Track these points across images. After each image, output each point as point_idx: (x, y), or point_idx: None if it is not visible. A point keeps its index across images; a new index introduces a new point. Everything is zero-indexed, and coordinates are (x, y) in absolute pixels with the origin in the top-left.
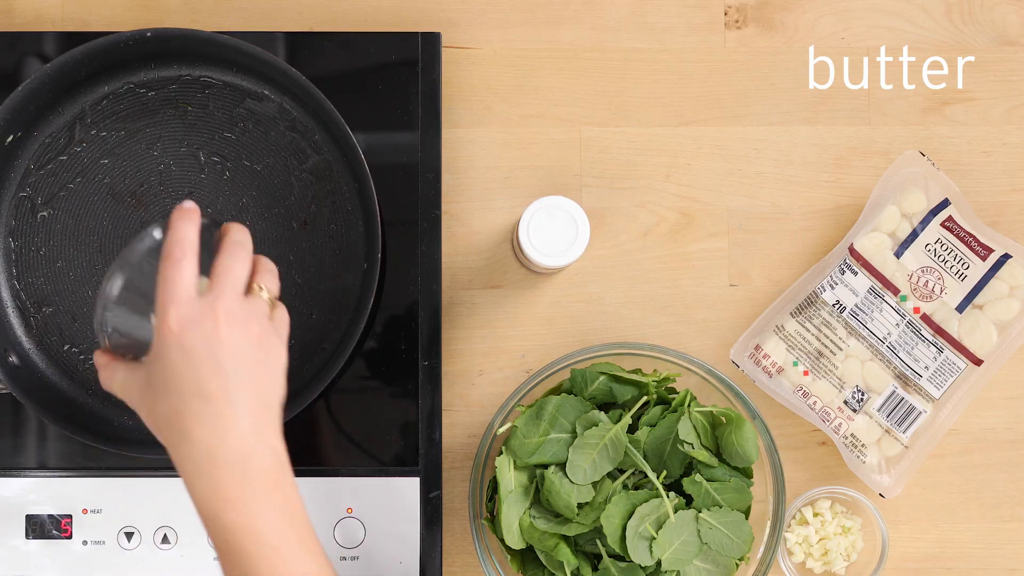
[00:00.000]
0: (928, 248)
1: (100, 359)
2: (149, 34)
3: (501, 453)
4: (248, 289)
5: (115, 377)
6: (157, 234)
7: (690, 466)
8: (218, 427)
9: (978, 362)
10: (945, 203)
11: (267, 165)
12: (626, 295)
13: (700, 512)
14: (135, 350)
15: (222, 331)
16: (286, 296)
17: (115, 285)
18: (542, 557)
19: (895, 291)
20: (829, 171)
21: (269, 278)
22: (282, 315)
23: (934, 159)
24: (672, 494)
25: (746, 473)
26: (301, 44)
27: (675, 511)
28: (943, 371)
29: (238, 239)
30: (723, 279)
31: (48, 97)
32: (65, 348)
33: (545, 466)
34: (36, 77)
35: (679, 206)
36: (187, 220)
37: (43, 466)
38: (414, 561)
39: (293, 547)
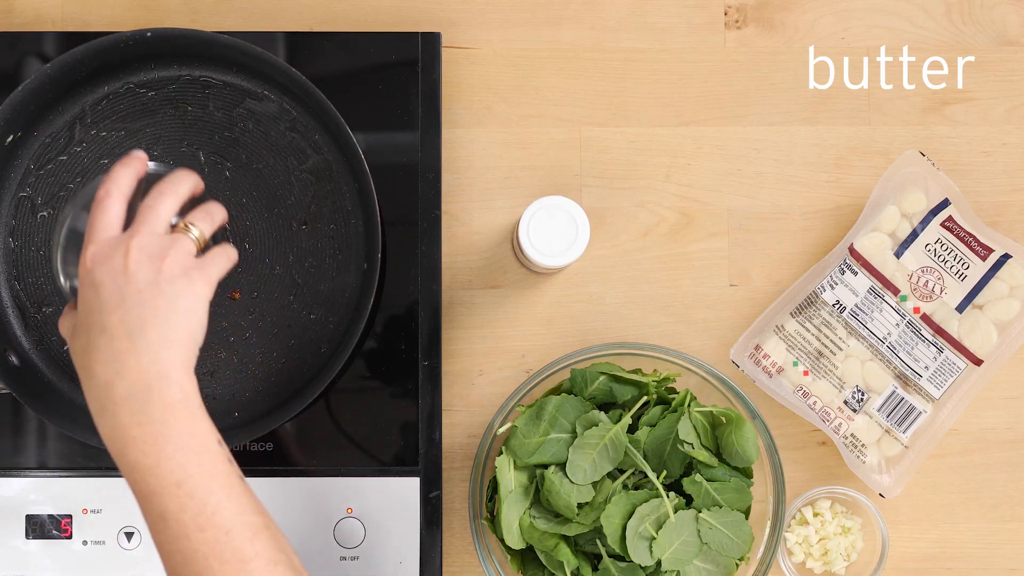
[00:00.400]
0: (928, 248)
1: (66, 305)
2: (149, 34)
3: (501, 453)
4: (176, 229)
5: (64, 322)
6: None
7: (690, 466)
8: (116, 362)
9: (978, 362)
10: (945, 203)
11: (267, 165)
12: (626, 295)
13: (700, 512)
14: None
15: (130, 265)
16: (286, 296)
17: (62, 231)
18: (542, 557)
19: (895, 291)
20: (829, 171)
21: (202, 217)
22: (216, 255)
23: (934, 159)
24: (672, 494)
25: (746, 473)
26: (301, 44)
27: (675, 511)
28: (943, 371)
29: (171, 180)
30: (723, 279)
31: (48, 97)
32: (65, 348)
33: (545, 466)
34: (36, 77)
35: (679, 206)
36: (124, 165)
37: (43, 466)
38: (414, 561)
39: (202, 483)
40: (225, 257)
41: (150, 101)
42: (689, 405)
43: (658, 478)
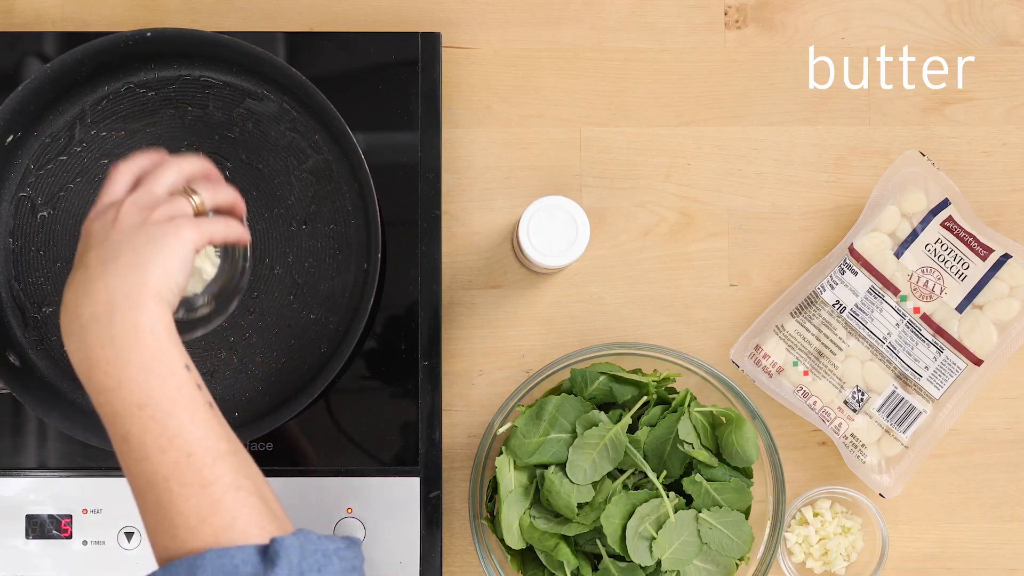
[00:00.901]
0: (928, 248)
1: None
2: (149, 34)
3: (501, 453)
4: (177, 194)
5: None
6: None
7: (690, 466)
8: (85, 284)
9: (978, 362)
10: (945, 203)
11: (267, 165)
12: (626, 295)
13: (700, 512)
14: None
15: (121, 216)
16: (287, 296)
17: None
18: (542, 557)
19: (895, 291)
20: (829, 171)
21: (207, 187)
22: (215, 219)
23: (934, 159)
24: (672, 494)
25: (746, 473)
26: (301, 44)
27: (675, 511)
28: (943, 371)
29: (179, 157)
30: (723, 279)
31: (48, 97)
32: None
33: (545, 466)
34: (36, 77)
35: (679, 206)
36: (143, 154)
37: (43, 466)
38: (414, 561)
39: (164, 406)
40: (224, 224)
41: (150, 101)
42: (689, 405)
43: (658, 478)
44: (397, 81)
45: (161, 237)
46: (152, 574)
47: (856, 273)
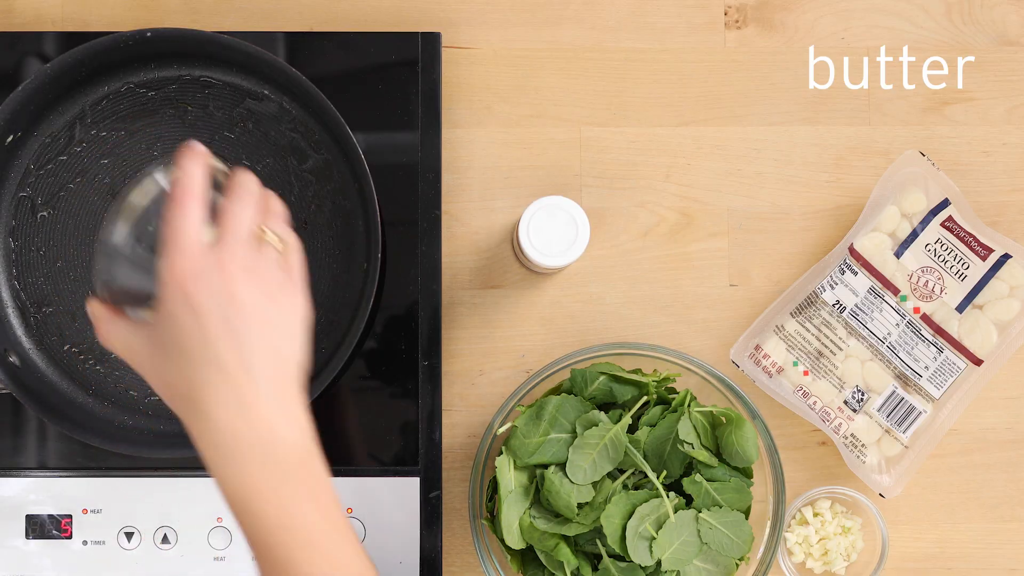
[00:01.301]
0: (928, 248)
1: (98, 310)
2: (149, 34)
3: (501, 453)
4: (257, 236)
5: (115, 333)
6: (160, 176)
7: (690, 466)
8: (239, 404)
9: (978, 362)
10: (945, 203)
11: (267, 165)
12: (626, 295)
13: (700, 512)
14: (135, 301)
15: (233, 286)
16: None
17: (115, 231)
18: (542, 557)
19: (895, 291)
20: (829, 171)
21: (277, 221)
22: (296, 258)
23: (934, 159)
24: (672, 494)
25: (746, 473)
26: (301, 44)
27: (675, 511)
28: (943, 371)
29: (245, 182)
30: (723, 279)
31: (48, 97)
32: (65, 348)
33: (545, 466)
34: (36, 77)
35: (679, 206)
36: (195, 161)
37: (43, 466)
38: (414, 561)
39: (331, 538)
40: (299, 255)
41: (150, 101)
42: (689, 405)
43: (658, 478)
44: (397, 81)
45: (286, 323)
46: None
47: (856, 273)
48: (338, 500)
